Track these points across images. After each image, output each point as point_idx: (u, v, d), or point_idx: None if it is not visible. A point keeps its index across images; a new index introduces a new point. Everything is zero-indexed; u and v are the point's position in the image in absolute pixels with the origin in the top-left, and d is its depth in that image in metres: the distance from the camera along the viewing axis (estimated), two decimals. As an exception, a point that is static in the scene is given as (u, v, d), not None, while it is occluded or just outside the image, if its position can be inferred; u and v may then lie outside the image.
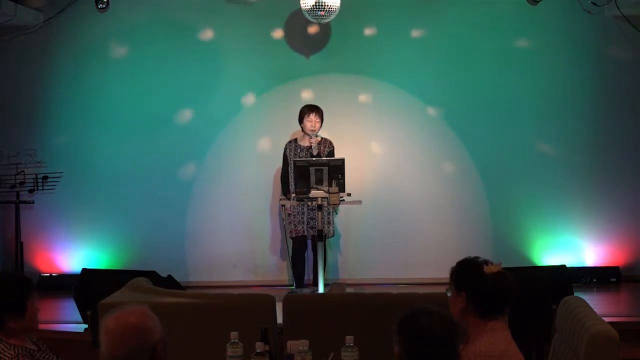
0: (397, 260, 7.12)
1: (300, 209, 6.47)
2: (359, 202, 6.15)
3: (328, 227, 6.46)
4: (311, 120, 6.48)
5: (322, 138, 6.61)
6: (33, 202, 7.08)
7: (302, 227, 6.51)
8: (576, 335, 3.04)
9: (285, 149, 6.65)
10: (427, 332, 2.26)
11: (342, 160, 6.00)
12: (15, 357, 2.90)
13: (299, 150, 6.58)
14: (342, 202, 6.04)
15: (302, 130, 6.57)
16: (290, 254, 6.65)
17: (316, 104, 6.62)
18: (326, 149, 6.53)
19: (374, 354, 3.23)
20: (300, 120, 6.54)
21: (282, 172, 6.67)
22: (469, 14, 7.14)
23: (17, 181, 6.99)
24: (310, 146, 6.48)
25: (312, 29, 7.11)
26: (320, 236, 6.07)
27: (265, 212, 7.18)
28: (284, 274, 7.11)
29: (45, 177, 7.02)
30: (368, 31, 7.21)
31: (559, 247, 7.03)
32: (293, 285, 6.65)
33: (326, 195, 5.84)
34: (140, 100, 7.20)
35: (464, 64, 7.14)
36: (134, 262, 6.95)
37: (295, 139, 6.69)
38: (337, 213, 6.78)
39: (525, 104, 7.13)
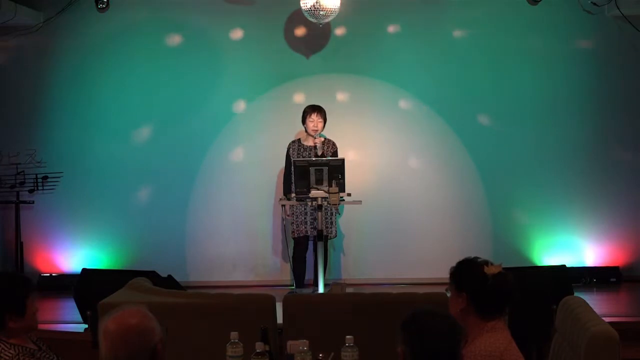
0: (397, 261, 7.12)
1: (302, 209, 6.47)
2: (359, 202, 6.14)
3: (330, 228, 6.47)
4: (313, 120, 6.48)
5: (325, 139, 6.62)
6: (33, 202, 7.08)
7: (305, 228, 6.51)
8: (576, 335, 3.04)
9: (289, 148, 6.65)
10: (431, 333, 2.27)
11: (342, 160, 5.99)
12: (15, 357, 2.90)
13: (302, 150, 6.58)
14: (342, 202, 6.03)
15: (305, 130, 6.57)
16: (291, 254, 6.65)
17: (316, 104, 6.61)
18: (330, 149, 6.53)
19: (374, 354, 3.23)
20: (303, 120, 6.54)
21: (284, 172, 6.67)
22: (469, 14, 7.14)
23: (17, 181, 6.99)
24: (315, 146, 6.48)
25: (312, 29, 7.10)
26: (320, 236, 6.06)
27: (265, 212, 7.17)
28: (284, 274, 7.11)
29: (45, 177, 7.03)
30: (368, 31, 7.21)
31: (559, 247, 7.03)
32: (293, 285, 6.65)
33: (326, 195, 5.84)
34: (141, 100, 7.20)
35: (463, 64, 7.14)
36: (134, 262, 6.95)
37: (299, 139, 6.69)
38: (340, 214, 6.79)
39: (525, 104, 7.13)
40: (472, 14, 7.14)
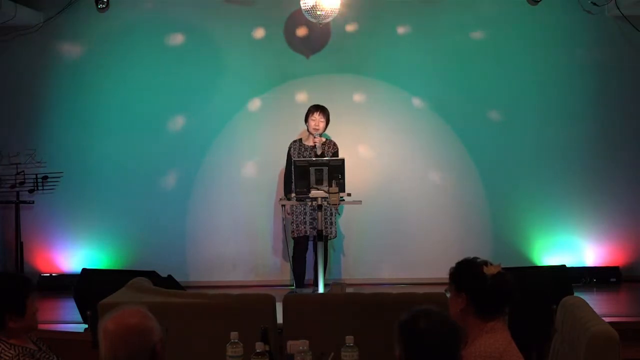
0: (397, 261, 7.12)
1: (302, 209, 6.47)
2: (359, 202, 6.14)
3: (330, 228, 6.47)
4: (315, 119, 6.48)
5: (326, 139, 6.62)
6: (33, 202, 7.09)
7: (304, 228, 6.51)
8: (576, 335, 3.04)
9: (290, 148, 6.65)
10: (427, 335, 2.23)
11: (342, 161, 5.99)
12: (15, 357, 2.90)
13: (302, 150, 6.58)
14: (342, 202, 6.03)
15: (307, 129, 6.57)
16: (291, 254, 6.65)
17: (316, 103, 6.61)
18: (330, 150, 6.53)
19: (374, 354, 3.23)
20: (306, 119, 6.55)
21: (285, 172, 6.67)
22: (469, 14, 7.14)
23: (17, 181, 7.00)
24: (314, 146, 6.48)
25: (312, 29, 7.10)
26: (320, 236, 6.06)
27: (265, 212, 7.17)
28: (284, 274, 7.11)
29: (45, 177, 7.03)
30: (369, 31, 7.21)
31: (559, 247, 7.03)
32: (293, 285, 6.65)
33: (326, 195, 5.84)
34: (141, 100, 7.20)
35: (464, 64, 7.14)
36: (134, 262, 6.95)
37: (300, 139, 6.69)
38: (340, 214, 6.79)
39: (525, 104, 7.13)
40: (473, 14, 7.14)
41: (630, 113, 7.11)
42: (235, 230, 7.20)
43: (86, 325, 5.22)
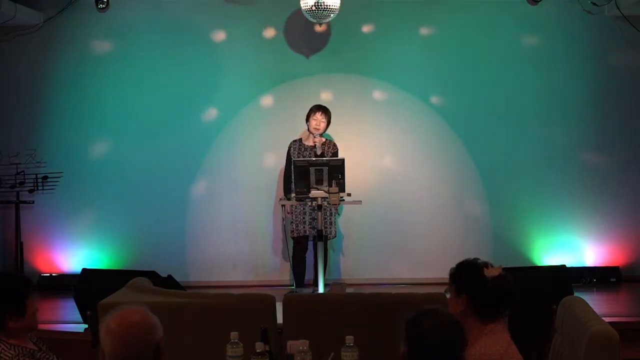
0: (397, 261, 7.12)
1: (301, 209, 6.47)
2: (359, 202, 6.14)
3: (330, 228, 6.47)
4: (316, 119, 6.48)
5: (326, 139, 6.62)
6: (33, 202, 7.09)
7: (304, 227, 6.51)
8: (576, 335, 3.04)
9: (290, 147, 6.65)
10: (428, 335, 2.24)
11: (342, 161, 5.99)
12: (15, 357, 2.90)
13: (302, 150, 6.58)
14: (342, 202, 6.03)
15: (308, 129, 6.57)
16: (291, 254, 6.65)
17: (316, 103, 6.61)
18: (330, 150, 6.53)
19: (374, 354, 3.23)
20: (307, 119, 6.54)
21: (285, 172, 6.67)
22: (469, 14, 7.14)
23: (17, 181, 6.99)
24: (314, 146, 6.48)
25: (312, 29, 7.10)
26: (320, 236, 6.06)
27: (266, 211, 7.17)
28: (284, 274, 7.11)
29: (45, 177, 7.03)
30: (369, 30, 7.22)
31: (559, 247, 7.03)
32: (293, 285, 6.65)
33: (326, 195, 5.84)
34: (140, 101, 7.20)
35: (464, 63, 7.14)
36: (134, 262, 6.95)
37: (300, 139, 6.69)
38: (339, 214, 6.79)
39: (526, 104, 7.13)
40: (474, 14, 7.13)
41: (630, 113, 7.11)
42: (235, 230, 7.20)
43: (86, 325, 5.22)
